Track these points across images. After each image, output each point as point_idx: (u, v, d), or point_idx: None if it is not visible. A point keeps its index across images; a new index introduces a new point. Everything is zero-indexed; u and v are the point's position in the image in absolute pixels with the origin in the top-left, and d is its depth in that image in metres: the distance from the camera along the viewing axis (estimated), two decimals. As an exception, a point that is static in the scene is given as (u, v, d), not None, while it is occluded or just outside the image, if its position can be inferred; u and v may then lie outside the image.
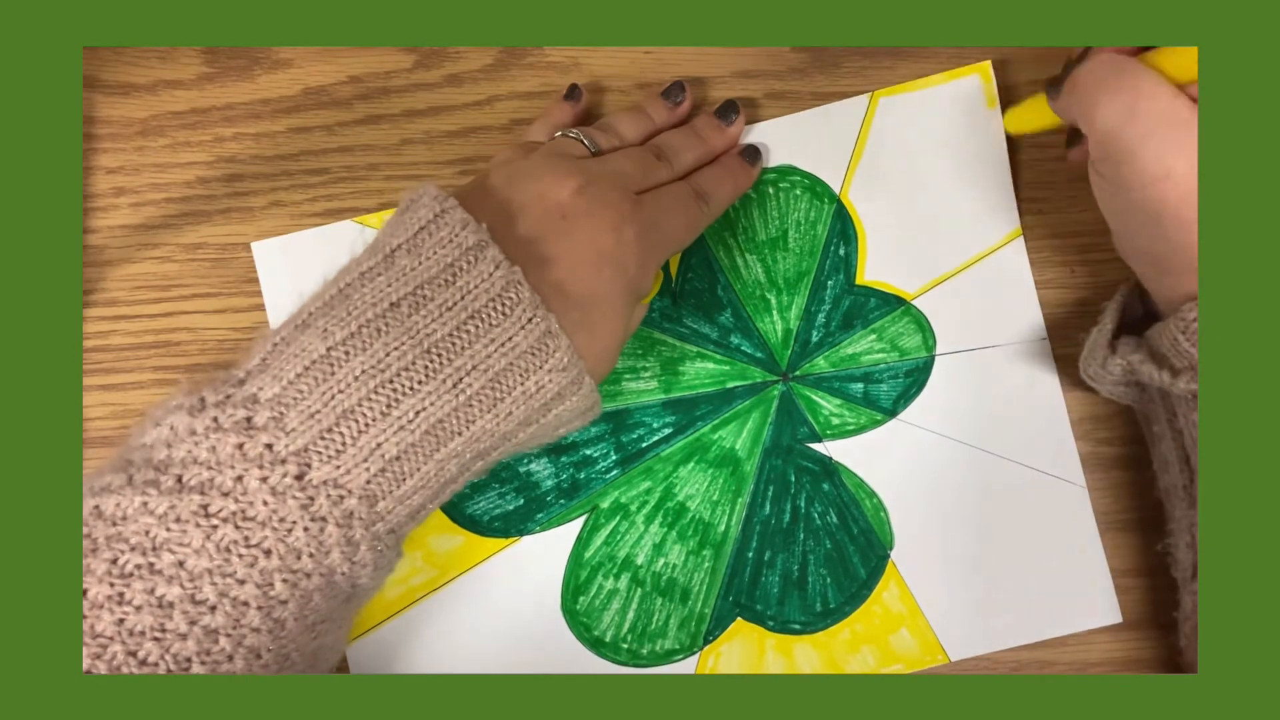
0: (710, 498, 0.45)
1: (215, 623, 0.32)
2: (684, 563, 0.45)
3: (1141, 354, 0.38)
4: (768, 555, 0.45)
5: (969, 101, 0.45)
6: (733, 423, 0.45)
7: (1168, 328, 0.36)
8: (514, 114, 0.46)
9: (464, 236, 0.35)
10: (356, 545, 0.34)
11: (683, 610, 0.44)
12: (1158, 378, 0.37)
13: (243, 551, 0.32)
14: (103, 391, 0.46)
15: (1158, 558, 0.43)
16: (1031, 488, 0.44)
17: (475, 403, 0.34)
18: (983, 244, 0.45)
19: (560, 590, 0.44)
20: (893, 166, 0.46)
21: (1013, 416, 0.45)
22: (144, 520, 0.32)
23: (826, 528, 0.45)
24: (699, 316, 0.46)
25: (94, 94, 0.46)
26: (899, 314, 0.45)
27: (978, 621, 0.44)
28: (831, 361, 0.45)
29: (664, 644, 0.44)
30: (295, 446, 0.33)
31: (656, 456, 0.45)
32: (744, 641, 0.44)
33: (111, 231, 0.46)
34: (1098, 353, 0.40)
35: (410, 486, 0.34)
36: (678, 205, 0.41)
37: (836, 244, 0.46)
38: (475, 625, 0.44)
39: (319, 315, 0.34)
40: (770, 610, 0.44)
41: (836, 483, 0.45)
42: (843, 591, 0.44)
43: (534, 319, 0.34)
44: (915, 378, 0.45)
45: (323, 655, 0.37)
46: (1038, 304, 0.45)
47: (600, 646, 0.44)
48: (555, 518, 0.45)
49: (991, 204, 0.46)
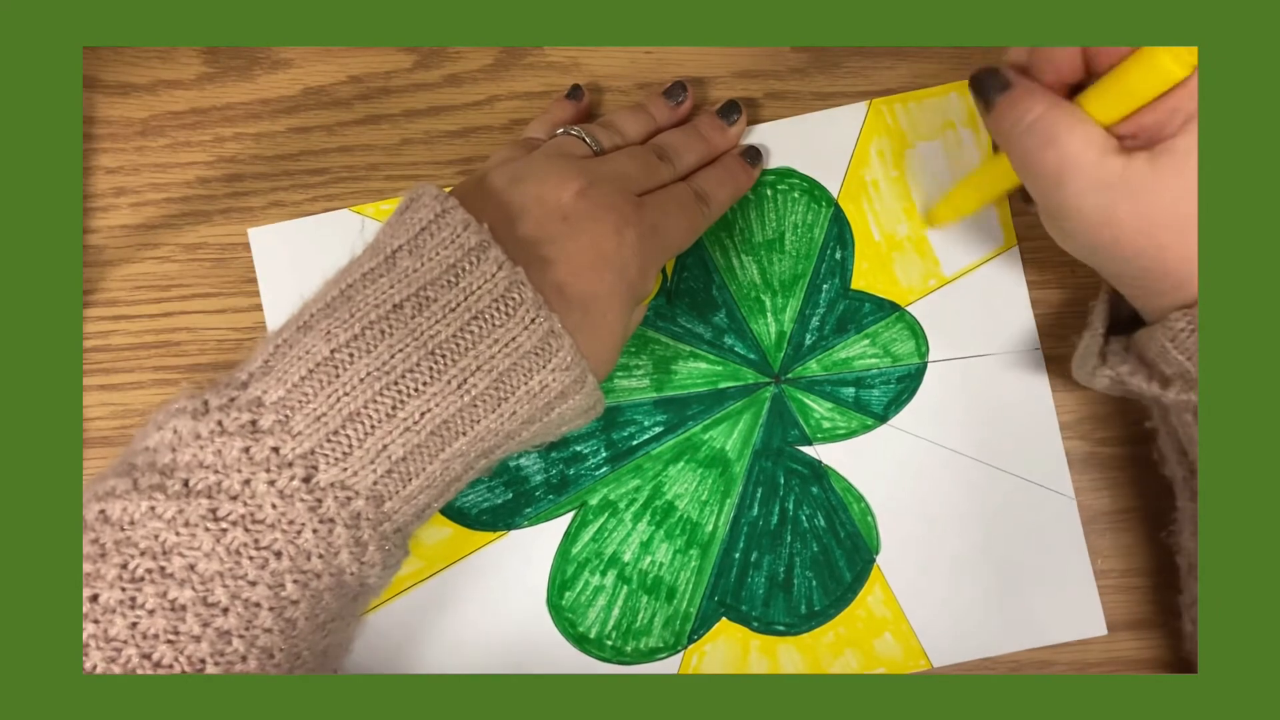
0: (699, 497, 0.45)
1: (228, 624, 0.33)
2: (670, 561, 0.45)
3: (1130, 364, 0.38)
4: (754, 556, 0.45)
5: (961, 115, 0.46)
6: (724, 423, 0.46)
7: (1155, 336, 0.37)
8: (514, 114, 0.47)
9: (466, 237, 0.35)
10: (364, 545, 0.34)
11: (668, 609, 0.45)
12: (1147, 389, 0.38)
13: (253, 554, 0.33)
14: (103, 391, 0.46)
15: (1157, 558, 0.45)
16: (1020, 497, 0.45)
17: (480, 403, 0.35)
18: (978, 252, 0.46)
19: (546, 585, 0.45)
20: (887, 174, 0.46)
21: (1004, 425, 0.45)
22: (152, 524, 0.33)
23: (814, 530, 0.45)
24: (693, 316, 0.46)
25: (94, 94, 0.47)
26: (893, 320, 0.46)
27: (961, 628, 0.45)
28: (824, 365, 0.46)
29: (648, 642, 0.45)
30: (302, 449, 0.33)
31: (646, 455, 0.46)
32: (728, 642, 0.45)
33: (111, 231, 0.47)
34: (1088, 361, 0.41)
35: (416, 486, 0.35)
36: (679, 208, 0.41)
37: (833, 248, 0.46)
38: (460, 617, 0.45)
39: (321, 317, 0.35)
40: (755, 611, 0.45)
41: (825, 486, 0.45)
42: (828, 594, 0.45)
43: (537, 319, 0.35)
44: (907, 384, 0.46)
45: (332, 653, 0.38)
46: (1031, 313, 0.46)
47: (584, 643, 0.45)
48: (543, 513, 0.45)
49: (987, 214, 0.46)
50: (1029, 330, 0.46)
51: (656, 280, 0.45)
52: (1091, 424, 0.46)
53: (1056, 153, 0.35)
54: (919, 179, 0.47)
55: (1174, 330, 0.36)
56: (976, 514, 0.45)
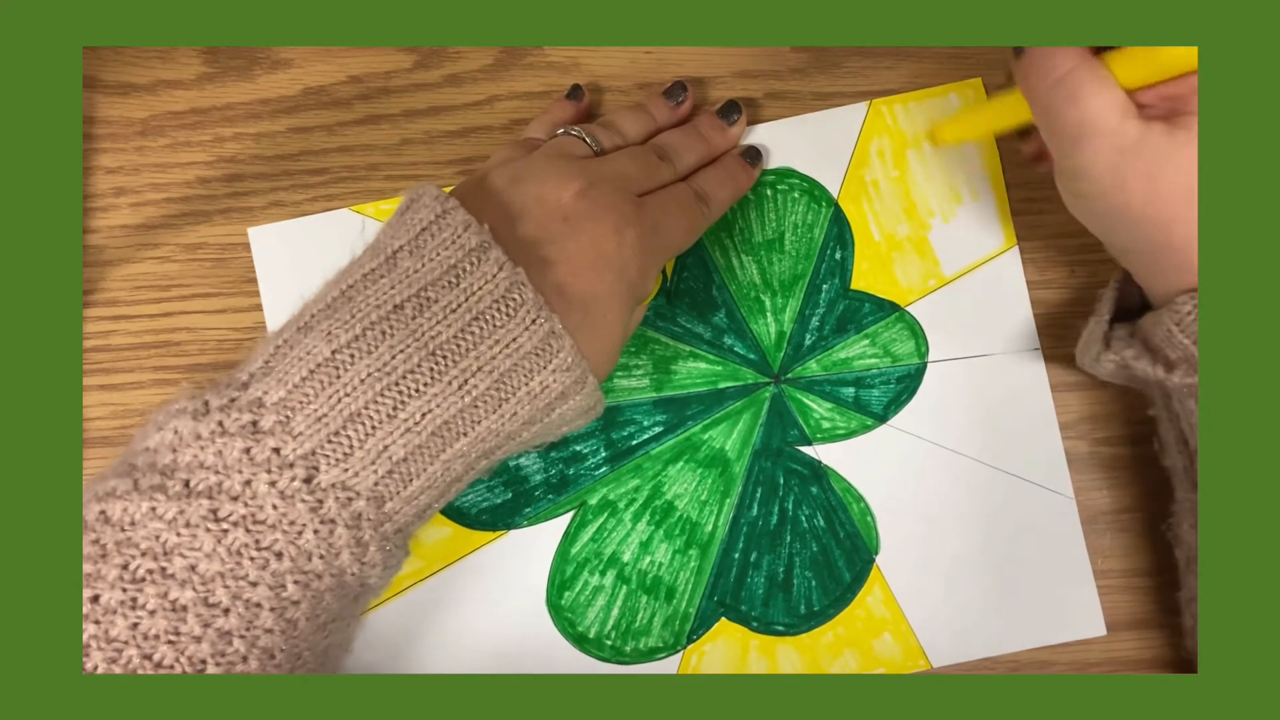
0: (698, 497, 0.45)
1: (229, 625, 0.33)
2: (670, 561, 0.45)
3: (1135, 349, 0.39)
4: (754, 556, 0.45)
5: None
6: (723, 423, 0.46)
7: (1161, 319, 0.37)
8: (514, 114, 0.47)
9: (466, 238, 0.35)
10: (365, 546, 0.35)
11: (667, 609, 0.45)
12: (1152, 373, 0.38)
13: (254, 555, 0.33)
14: (103, 391, 0.47)
15: (1157, 558, 0.45)
16: (1020, 498, 0.45)
17: (481, 403, 0.35)
18: (978, 253, 0.46)
19: (546, 585, 0.45)
20: (887, 174, 0.46)
21: (1003, 426, 0.45)
22: (153, 525, 0.33)
23: (813, 530, 0.45)
24: (693, 316, 0.46)
25: (94, 94, 0.47)
26: (893, 320, 0.46)
27: (961, 628, 0.45)
28: (824, 365, 0.46)
29: (648, 641, 0.45)
30: (303, 450, 0.33)
31: (646, 455, 0.46)
32: (727, 642, 0.45)
33: (111, 231, 0.47)
34: (1092, 346, 0.41)
35: (417, 487, 0.35)
36: (679, 208, 0.41)
37: (833, 248, 0.46)
38: (460, 617, 0.45)
39: (322, 317, 0.35)
40: (755, 611, 0.45)
41: (825, 486, 0.45)
42: (827, 595, 0.45)
43: (538, 320, 0.35)
44: (907, 384, 0.46)
45: (333, 653, 0.38)
46: (1031, 313, 0.46)
47: (584, 642, 0.45)
48: (543, 513, 0.45)
49: (987, 214, 0.46)
50: (1029, 330, 0.46)
51: (656, 280, 0.45)
52: (1092, 424, 0.46)
53: (1078, 111, 0.35)
54: (919, 179, 0.47)
55: (1180, 314, 0.36)
56: (976, 514, 0.46)
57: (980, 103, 0.44)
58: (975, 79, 0.47)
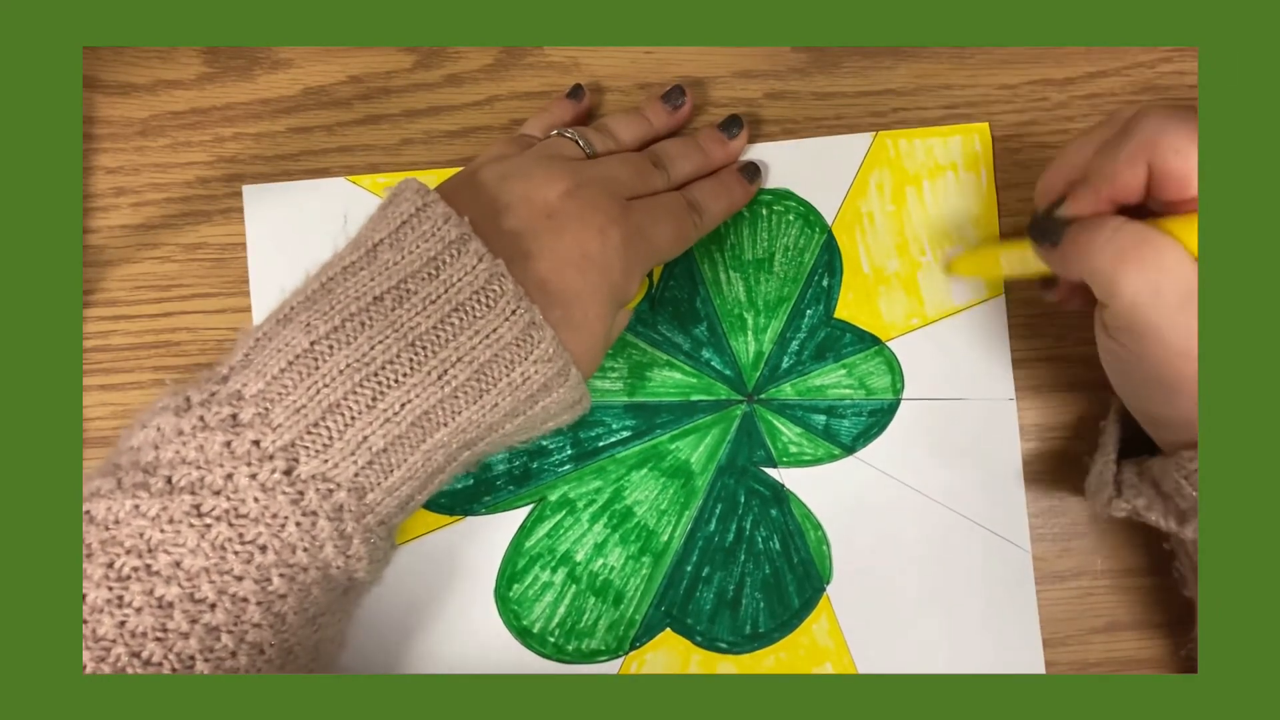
0: (658, 506, 0.46)
1: (216, 620, 0.33)
2: (622, 566, 0.45)
3: (1146, 497, 0.38)
4: (706, 571, 0.45)
5: (963, 159, 0.47)
6: (691, 435, 0.46)
7: (1169, 471, 0.37)
8: (514, 114, 0.47)
9: (446, 230, 0.35)
10: (349, 539, 0.35)
11: (614, 613, 0.45)
12: (1164, 524, 0.38)
13: (238, 549, 0.33)
14: (103, 391, 0.47)
15: (1157, 558, 0.45)
16: (976, 545, 0.46)
17: (461, 394, 0.35)
18: (963, 297, 0.46)
19: (496, 575, 0.45)
20: (884, 208, 0.46)
21: (969, 471, 0.46)
22: (137, 523, 0.33)
23: (768, 553, 0.45)
24: (674, 326, 0.46)
25: (94, 94, 0.48)
26: (872, 353, 0.46)
27: (902, 666, 0.45)
28: (798, 390, 0.46)
29: (590, 643, 0.45)
30: (282, 442, 0.34)
31: (611, 457, 0.46)
32: (669, 652, 0.45)
33: (111, 231, 0.48)
34: (1103, 491, 0.40)
35: (398, 478, 0.35)
36: (668, 215, 0.41)
37: (821, 275, 0.46)
38: (406, 598, 0.45)
39: (301, 309, 0.35)
40: (700, 625, 0.45)
41: (785, 510, 0.46)
42: (774, 618, 0.45)
43: (518, 311, 0.35)
44: (878, 418, 0.46)
45: (324, 648, 0.39)
46: (1010, 364, 0.46)
47: (527, 636, 0.45)
48: (502, 503, 0.46)
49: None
50: (1005, 380, 0.46)
51: (642, 286, 0.45)
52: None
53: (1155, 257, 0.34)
54: (914, 217, 0.47)
55: (1188, 469, 0.36)
56: (931, 556, 0.46)
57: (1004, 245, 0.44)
58: (983, 124, 0.47)
